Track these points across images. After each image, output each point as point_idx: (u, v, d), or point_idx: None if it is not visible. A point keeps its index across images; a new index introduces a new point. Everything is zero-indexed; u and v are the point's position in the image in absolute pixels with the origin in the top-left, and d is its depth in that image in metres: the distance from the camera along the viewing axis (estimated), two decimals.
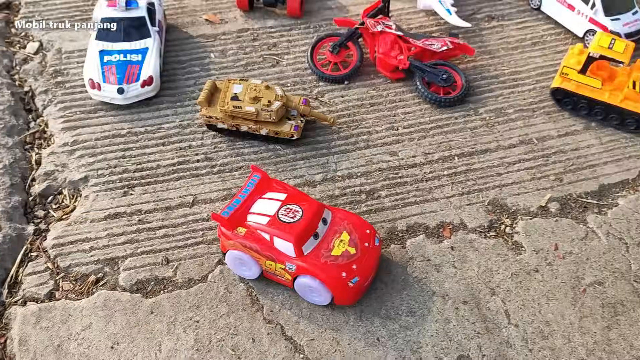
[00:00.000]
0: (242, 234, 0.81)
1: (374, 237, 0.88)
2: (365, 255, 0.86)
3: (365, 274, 0.86)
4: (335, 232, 0.85)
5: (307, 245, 0.82)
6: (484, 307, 0.85)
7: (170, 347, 0.80)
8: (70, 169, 1.01)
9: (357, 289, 0.83)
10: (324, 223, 0.85)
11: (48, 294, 0.85)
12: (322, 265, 0.79)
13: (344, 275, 0.79)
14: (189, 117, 1.09)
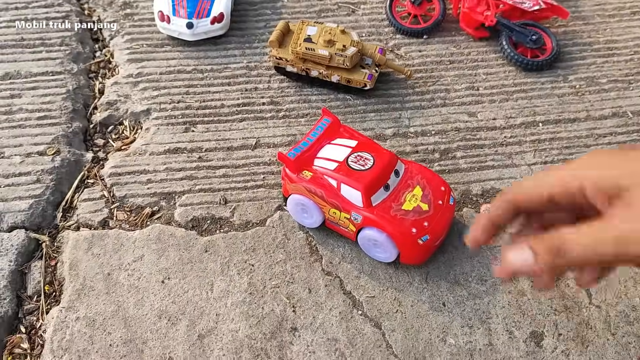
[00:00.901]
0: (307, 177, 0.71)
1: (448, 195, 0.74)
2: (438, 213, 0.71)
3: (437, 233, 0.72)
4: (407, 186, 0.69)
5: (377, 196, 0.69)
6: (564, 283, 0.77)
7: (222, 287, 0.75)
8: (132, 100, 0.97)
9: (427, 248, 0.71)
10: (396, 175, 0.70)
11: (102, 221, 0.82)
12: (391, 219, 0.68)
13: (414, 232, 0.69)
14: (257, 60, 1.04)
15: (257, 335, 0.71)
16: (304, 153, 0.71)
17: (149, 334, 0.71)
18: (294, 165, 0.70)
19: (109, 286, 0.74)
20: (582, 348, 0.71)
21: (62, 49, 1.03)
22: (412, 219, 0.67)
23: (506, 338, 0.72)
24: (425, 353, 0.70)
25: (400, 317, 0.72)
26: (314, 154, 0.71)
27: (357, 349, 0.70)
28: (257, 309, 0.73)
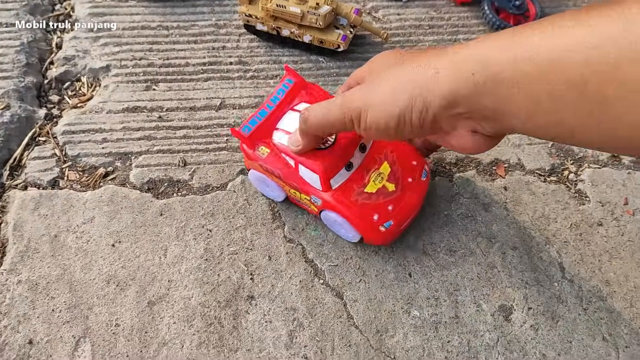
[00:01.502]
0: (263, 155, 0.60)
1: (420, 171, 0.62)
2: (406, 194, 0.61)
3: (402, 217, 0.62)
4: (374, 162, 0.60)
5: (338, 178, 0.58)
6: (536, 257, 0.74)
7: (177, 253, 0.71)
8: (92, 56, 0.92)
9: (390, 233, 0.63)
10: (362, 150, 0.58)
11: (52, 181, 0.77)
12: (351, 204, 0.58)
13: (376, 219, 0.59)
14: (227, 18, 0.98)
15: (211, 303, 0.67)
16: (262, 124, 0.61)
17: (95, 300, 0.66)
18: (249, 141, 0.61)
19: (55, 249, 0.69)
20: (552, 323, 0.68)
21: (18, 0, 0.97)
22: (375, 202, 0.60)
23: (473, 311, 0.68)
24: (387, 325, 0.66)
25: (363, 287, 0.68)
26: (273, 123, 0.61)
27: (316, 319, 0.66)
28: (213, 276, 0.69)
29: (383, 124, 0.41)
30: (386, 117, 0.41)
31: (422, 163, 0.63)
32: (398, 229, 0.63)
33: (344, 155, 0.58)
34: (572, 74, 0.31)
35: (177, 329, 0.65)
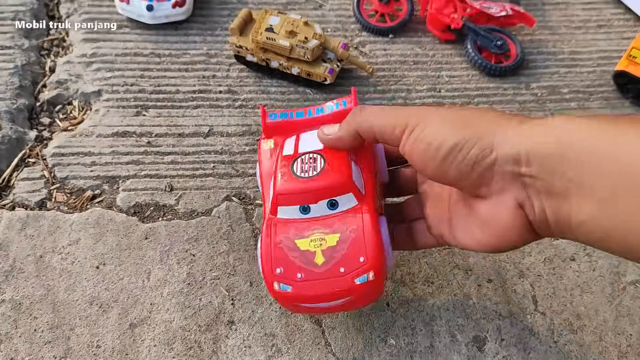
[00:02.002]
0: (265, 147, 0.55)
1: (360, 273, 0.45)
2: (323, 280, 0.46)
3: (302, 296, 0.47)
4: (326, 226, 0.47)
5: (284, 211, 0.48)
6: (510, 289, 0.76)
7: (160, 276, 0.72)
8: (84, 80, 0.94)
9: (283, 298, 0.49)
10: (331, 207, 0.47)
11: (39, 202, 0.78)
12: (267, 240, 0.48)
13: (277, 272, 0.47)
14: (218, 47, 1.01)
15: (192, 327, 0.68)
16: (290, 123, 0.54)
17: (77, 321, 0.67)
18: (266, 128, 0.54)
19: (39, 269, 0.70)
20: (524, 354, 0.70)
21: (14, 24, 1.00)
22: (291, 259, 0.45)
23: (448, 341, 0.70)
24: (364, 353, 0.68)
25: (342, 315, 0.70)
26: (300, 129, 0.53)
27: (294, 345, 0.68)
28: (195, 300, 0.70)
29: (437, 143, 0.36)
30: (444, 138, 0.36)
31: (369, 266, 0.43)
32: (292, 303, 0.48)
33: (306, 196, 0.46)
34: None
35: (158, 352, 0.67)
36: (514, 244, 0.39)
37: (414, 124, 0.39)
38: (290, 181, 0.47)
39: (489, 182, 0.37)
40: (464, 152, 0.36)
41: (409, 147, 0.39)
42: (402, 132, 0.39)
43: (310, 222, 0.47)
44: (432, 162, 0.38)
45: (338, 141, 0.45)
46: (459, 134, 0.36)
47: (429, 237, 0.48)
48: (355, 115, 0.43)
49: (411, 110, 0.39)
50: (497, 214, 0.37)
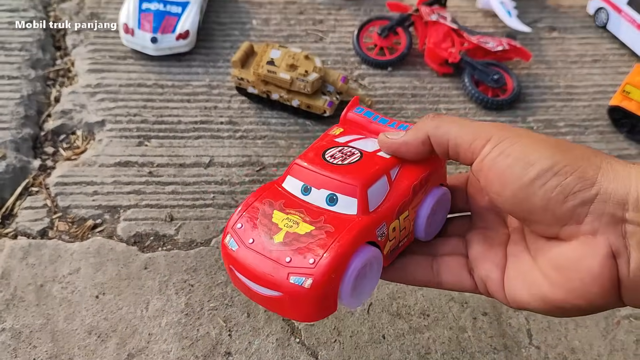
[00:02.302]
0: (333, 132, 0.45)
1: (302, 272, 0.35)
2: (263, 259, 0.37)
3: (240, 261, 0.38)
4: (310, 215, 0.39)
5: (290, 183, 0.41)
6: (505, 323, 0.77)
7: (158, 306, 0.73)
8: (88, 110, 0.96)
9: (224, 253, 0.41)
10: (329, 201, 0.39)
11: (41, 231, 0.80)
12: (255, 200, 0.41)
13: (237, 228, 0.39)
14: (220, 79, 1.03)
15: (189, 357, 0.69)
16: (367, 124, 0.45)
17: (76, 350, 0.68)
18: (344, 116, 0.46)
19: (40, 298, 0.71)
20: None
21: (21, 54, 1.02)
22: (257, 222, 0.37)
23: None
24: None
25: (337, 347, 0.71)
26: (369, 133, 0.44)
27: None
28: (192, 331, 0.71)
29: (528, 160, 0.29)
30: (539, 156, 0.29)
31: (311, 272, 0.34)
32: (229, 265, 0.39)
33: (315, 178, 0.39)
34: None
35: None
36: (589, 304, 0.29)
37: (501, 136, 0.31)
38: (313, 158, 0.41)
39: (579, 220, 0.29)
40: (559, 177, 0.29)
41: (490, 161, 0.31)
42: (483, 145, 0.32)
43: (301, 204, 0.40)
44: (515, 183, 0.30)
45: (402, 145, 0.36)
46: (557, 156, 0.29)
47: (466, 278, 0.37)
48: (427, 120, 0.36)
49: (496, 124, 0.33)
50: (581, 259, 0.28)
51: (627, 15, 1.17)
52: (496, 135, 0.32)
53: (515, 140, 0.31)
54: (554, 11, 1.29)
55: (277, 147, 0.94)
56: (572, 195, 0.29)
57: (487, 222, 0.39)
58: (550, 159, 0.29)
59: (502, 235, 0.37)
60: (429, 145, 0.36)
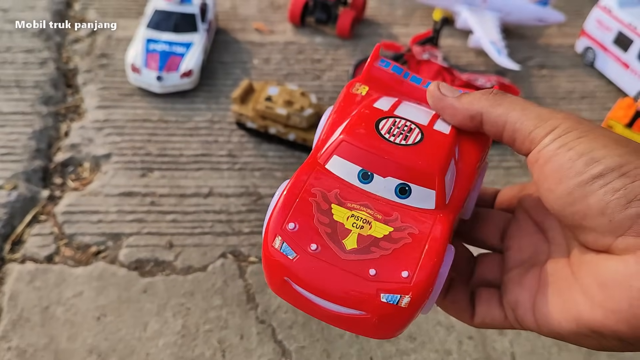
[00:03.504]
0: (354, 91, 0.36)
1: (395, 288, 0.27)
2: (341, 273, 0.28)
3: (304, 271, 0.28)
4: (381, 212, 0.29)
5: (338, 165, 0.30)
6: (490, 346, 0.80)
7: (156, 328, 0.77)
8: (96, 144, 1.01)
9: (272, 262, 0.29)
10: (400, 193, 0.29)
11: (48, 256, 0.84)
12: (300, 188, 0.30)
13: (289, 228, 0.28)
14: (221, 115, 1.09)
15: None
16: (398, 83, 0.37)
17: None
18: (369, 71, 0.36)
19: (44, 319, 0.75)
20: None
21: (35, 92, 1.08)
22: (315, 221, 0.28)
23: None
24: None
25: None
26: (403, 94, 0.36)
27: None
28: (187, 352, 0.74)
29: (592, 156, 0.26)
30: (605, 154, 0.25)
31: (409, 288, 0.27)
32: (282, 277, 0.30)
33: (378, 162, 0.30)
34: None
35: None
36: (633, 332, 0.24)
37: (568, 127, 0.27)
38: (367, 135, 0.31)
39: (639, 231, 0.24)
40: (625, 179, 0.25)
41: (549, 153, 0.27)
42: (545, 134, 0.27)
43: (362, 194, 0.30)
44: (573, 179, 0.26)
45: (449, 108, 0.31)
46: (628, 156, 0.25)
47: (496, 309, 0.31)
48: (487, 95, 0.30)
49: (563, 112, 0.29)
50: (634, 277, 0.24)
51: (613, 54, 1.22)
52: (563, 125, 0.27)
53: (584, 133, 0.27)
54: (544, 50, 1.35)
55: (274, 179, 0.98)
56: (637, 202, 0.24)
57: (522, 239, 0.33)
58: (620, 158, 0.25)
59: (539, 255, 0.31)
60: (479, 122, 0.30)
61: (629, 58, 1.17)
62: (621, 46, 1.20)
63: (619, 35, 1.19)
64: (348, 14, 1.26)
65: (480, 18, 1.23)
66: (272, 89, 1.02)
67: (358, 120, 0.31)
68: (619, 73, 1.21)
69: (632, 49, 1.16)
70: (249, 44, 1.26)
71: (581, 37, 1.29)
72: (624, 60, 1.19)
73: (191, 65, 1.10)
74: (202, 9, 1.18)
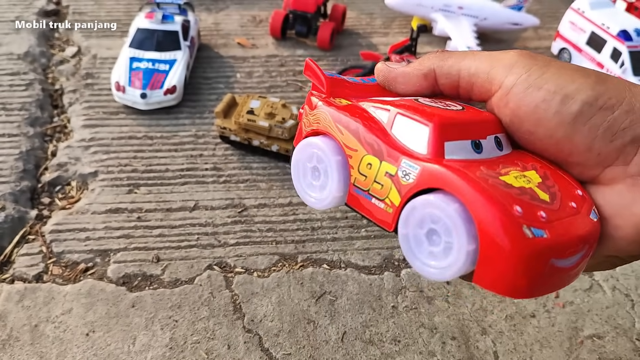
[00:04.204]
0: (340, 104, 0.32)
1: (590, 207, 0.28)
2: (571, 216, 0.27)
3: (564, 240, 0.26)
4: (514, 165, 0.29)
5: (458, 149, 0.28)
6: (473, 346, 0.81)
7: (144, 342, 0.78)
8: (82, 162, 1.03)
9: (539, 257, 0.24)
10: (498, 145, 0.30)
11: (37, 275, 0.85)
12: (477, 179, 0.25)
13: (519, 211, 0.24)
14: (205, 129, 1.11)
15: None
16: (350, 85, 0.35)
17: None
18: (330, 84, 0.33)
19: (34, 337, 0.76)
20: None
21: (21, 114, 1.10)
22: (518, 196, 0.26)
23: None
24: None
25: None
26: (364, 94, 0.34)
27: None
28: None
29: (566, 92, 0.25)
30: (578, 87, 0.25)
31: (590, 200, 0.29)
32: (543, 262, 0.25)
33: (473, 127, 0.30)
34: None
35: None
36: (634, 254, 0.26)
37: (526, 64, 0.26)
38: (442, 112, 0.30)
39: (626, 160, 0.25)
40: (605, 112, 0.24)
41: (518, 95, 0.26)
42: (505, 74, 0.27)
43: (493, 161, 0.30)
44: (553, 120, 0.25)
45: (401, 76, 0.30)
46: (599, 87, 0.25)
47: None
48: (434, 53, 0.30)
49: (515, 50, 0.27)
50: (632, 205, 0.25)
51: (587, 55, 1.24)
52: (520, 62, 0.26)
53: (545, 69, 0.26)
54: None
55: (259, 190, 1.00)
56: (621, 132, 0.24)
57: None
58: (592, 90, 0.25)
59: None
60: (433, 80, 0.30)
61: (602, 58, 1.20)
62: (594, 47, 1.22)
63: (592, 35, 1.22)
64: (328, 26, 1.28)
65: (457, 24, 1.25)
66: (254, 102, 1.04)
67: (414, 107, 0.29)
68: None
69: (605, 49, 1.19)
70: (232, 59, 1.28)
71: (556, 39, 1.32)
72: (598, 60, 1.21)
73: (174, 82, 1.12)
74: (184, 27, 1.20)
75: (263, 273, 0.87)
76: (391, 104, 0.30)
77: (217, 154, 1.04)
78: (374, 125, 0.30)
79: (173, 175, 1.00)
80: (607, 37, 1.16)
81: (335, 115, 0.31)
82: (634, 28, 1.14)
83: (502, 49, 1.38)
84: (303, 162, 0.32)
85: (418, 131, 0.28)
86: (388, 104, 0.30)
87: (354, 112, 0.31)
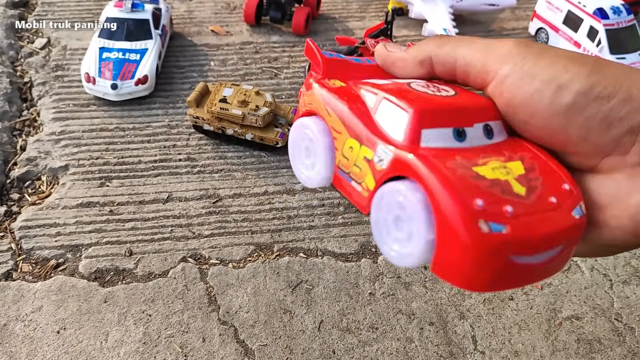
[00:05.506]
0: (333, 85, 0.32)
1: (574, 203, 0.27)
2: (543, 213, 0.26)
3: (527, 237, 0.25)
4: (499, 154, 0.28)
5: (435, 136, 0.27)
6: (451, 331, 0.81)
7: (117, 337, 0.77)
8: (52, 157, 1.01)
9: (494, 252, 0.24)
10: (487, 134, 0.29)
11: (5, 273, 0.83)
12: (444, 170, 0.25)
13: (479, 205, 0.24)
14: (179, 119, 1.09)
15: None
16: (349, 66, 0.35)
17: None
18: (327, 65, 0.34)
19: (3, 337, 0.75)
20: None
21: None
22: (485, 189, 0.26)
23: None
24: None
25: None
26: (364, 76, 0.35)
27: None
28: (150, 359, 0.74)
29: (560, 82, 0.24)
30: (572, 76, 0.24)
31: (578, 195, 0.28)
32: (501, 258, 0.25)
33: (457, 114, 0.30)
34: None
35: None
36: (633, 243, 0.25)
37: (521, 53, 0.26)
38: (428, 98, 0.29)
39: (625, 150, 0.24)
40: (600, 102, 0.24)
41: (512, 85, 0.26)
42: (500, 63, 0.27)
43: (475, 151, 0.29)
44: (547, 111, 0.25)
45: (399, 61, 0.31)
46: (594, 76, 0.24)
47: None
48: (432, 39, 0.30)
49: (511, 39, 0.27)
50: (630, 195, 0.24)
51: (564, 34, 1.23)
52: (515, 51, 0.26)
53: (540, 57, 0.26)
54: (498, 34, 1.36)
55: (234, 179, 0.98)
56: (618, 122, 0.24)
57: None
58: (586, 80, 0.24)
59: None
60: (429, 66, 0.30)
61: (579, 37, 1.18)
62: (571, 26, 1.21)
63: (568, 14, 1.20)
64: (302, 11, 1.26)
65: (433, 6, 1.24)
66: (227, 90, 1.02)
67: (403, 93, 0.29)
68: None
69: (582, 28, 1.18)
70: (206, 47, 1.26)
71: (533, 19, 1.31)
72: (575, 39, 1.20)
73: (146, 71, 1.09)
74: (155, 15, 1.17)
75: (238, 264, 0.86)
76: (380, 88, 0.30)
77: (191, 144, 1.02)
78: (359, 109, 0.31)
79: (146, 167, 0.98)
80: (584, 16, 1.15)
81: (326, 97, 0.32)
82: (610, 6, 1.13)
83: (480, 31, 1.37)
84: (297, 141, 0.34)
85: (398, 117, 0.29)
86: (378, 88, 0.30)
87: (343, 94, 0.31)
